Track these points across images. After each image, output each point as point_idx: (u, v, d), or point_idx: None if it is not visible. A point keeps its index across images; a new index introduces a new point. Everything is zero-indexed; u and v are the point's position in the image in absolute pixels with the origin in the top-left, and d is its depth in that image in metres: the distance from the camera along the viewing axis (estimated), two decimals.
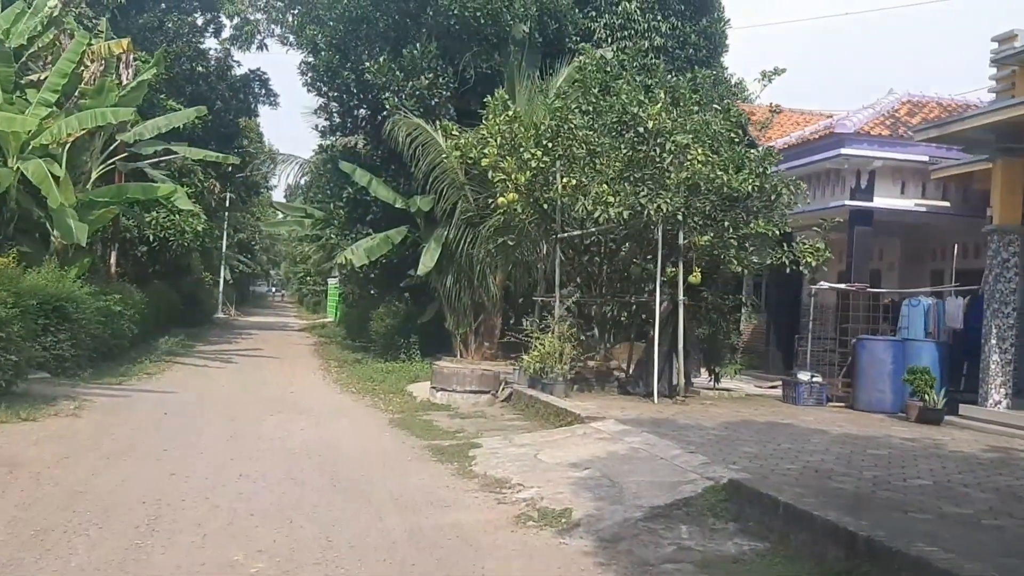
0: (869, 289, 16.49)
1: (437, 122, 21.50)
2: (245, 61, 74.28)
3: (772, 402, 15.47)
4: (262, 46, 37.48)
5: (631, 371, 15.63)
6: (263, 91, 37.51)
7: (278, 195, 51.99)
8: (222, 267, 52.47)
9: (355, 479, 9.49)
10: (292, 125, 66.17)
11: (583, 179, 14.04)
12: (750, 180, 13.82)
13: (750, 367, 19.52)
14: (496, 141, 14.73)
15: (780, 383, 18.40)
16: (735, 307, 15.67)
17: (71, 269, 19.65)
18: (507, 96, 16.23)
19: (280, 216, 38.93)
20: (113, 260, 24.39)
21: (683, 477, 8.58)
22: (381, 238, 22.46)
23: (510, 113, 15.10)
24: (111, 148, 21.77)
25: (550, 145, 14.36)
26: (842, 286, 16.47)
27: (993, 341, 13.00)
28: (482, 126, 15.90)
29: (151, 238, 27.32)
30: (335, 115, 25.40)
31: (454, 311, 22.82)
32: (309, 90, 26.12)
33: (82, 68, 19.94)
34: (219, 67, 36.00)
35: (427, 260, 21.53)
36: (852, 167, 17.44)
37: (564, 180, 14.09)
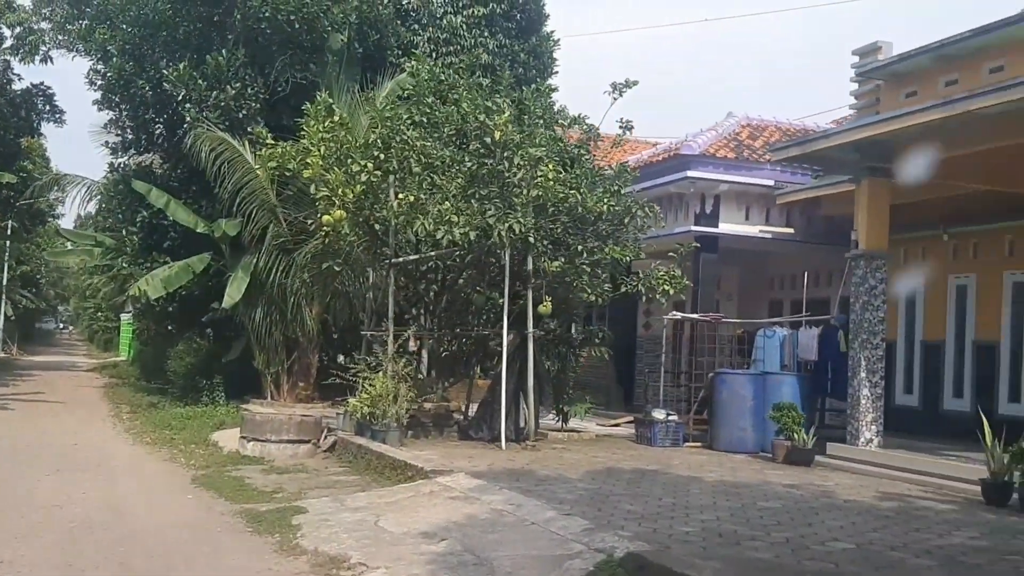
0: (725, 319, 15.53)
1: (245, 138, 19.36)
2: (27, 75, 68.86)
3: (626, 444, 14.18)
4: (47, 58, 33.83)
5: (473, 413, 14.01)
6: (47, 107, 33.85)
7: (68, 223, 47.72)
8: (1, 302, 47.54)
9: (153, 565, 7.44)
10: (84, 148, 61.43)
11: (421, 195, 12.35)
12: (604, 200, 12.52)
13: (591, 404, 18.26)
14: (320, 151, 12.84)
15: (626, 421, 17.33)
16: (584, 340, 14.32)
17: None
18: (330, 101, 14.31)
19: (69, 246, 35.23)
20: None
21: (566, 549, 6.99)
22: (180, 267, 19.99)
23: (336, 119, 13.24)
24: None
25: (382, 157, 12.61)
26: (696, 316, 15.44)
27: (863, 374, 12.13)
28: (302, 135, 13.94)
29: None
30: (128, 130, 22.69)
31: (264, 348, 20.54)
32: (100, 107, 23.43)
33: None
34: None
35: (233, 291, 19.22)
36: (697, 191, 16.57)
37: (400, 197, 12.34)
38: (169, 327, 26.70)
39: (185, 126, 19.81)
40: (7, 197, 34.75)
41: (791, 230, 17.14)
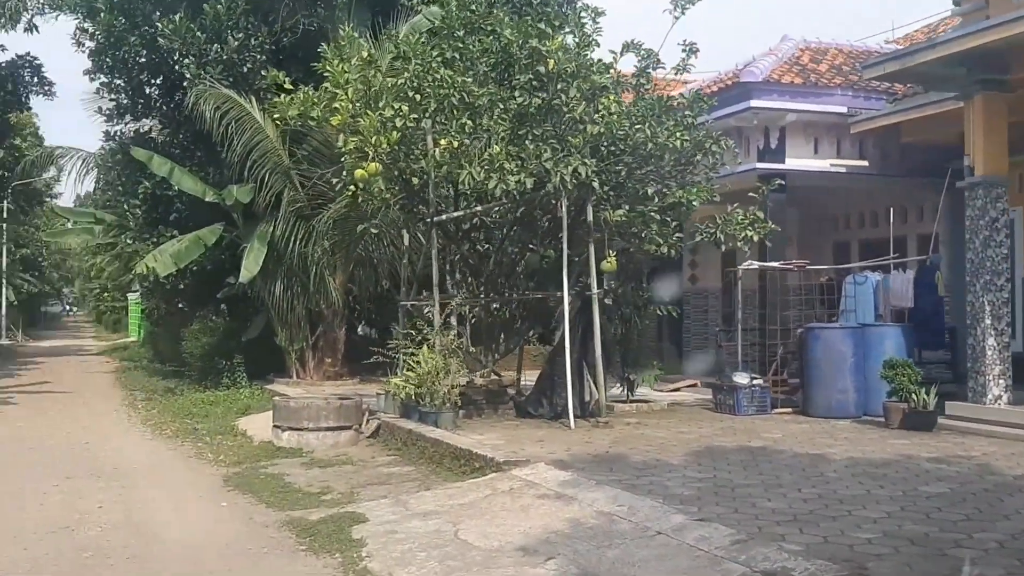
0: (811, 266, 13.87)
1: (251, 94, 17.66)
2: (11, 45, 66.66)
3: (704, 413, 12.62)
4: (31, 27, 31.93)
5: (530, 387, 12.44)
6: (36, 79, 31.99)
7: (67, 202, 45.99)
8: (2, 287, 46.00)
9: None
10: (79, 124, 59.35)
11: (464, 140, 10.65)
12: (677, 134, 10.82)
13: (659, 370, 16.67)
14: (348, 94, 11.11)
15: (685, 385, 15.80)
16: (651, 298, 12.70)
17: None
18: (355, 35, 12.52)
19: (69, 224, 33.56)
20: None
21: (721, 572, 5.42)
22: (191, 240, 18.35)
23: (364, 55, 11.47)
24: None
25: (417, 99, 10.89)
26: (776, 264, 13.77)
27: (988, 321, 10.47)
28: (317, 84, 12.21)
29: None
30: (123, 94, 20.91)
31: (286, 324, 19.00)
32: (91, 74, 21.65)
33: None
34: None
35: (250, 264, 17.61)
36: (761, 123, 14.82)
37: (443, 143, 10.63)
38: (180, 305, 25.18)
39: (185, 85, 18.12)
40: (0, 177, 33.14)
41: (865, 162, 15.42)
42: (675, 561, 5.70)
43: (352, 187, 12.06)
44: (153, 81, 20.19)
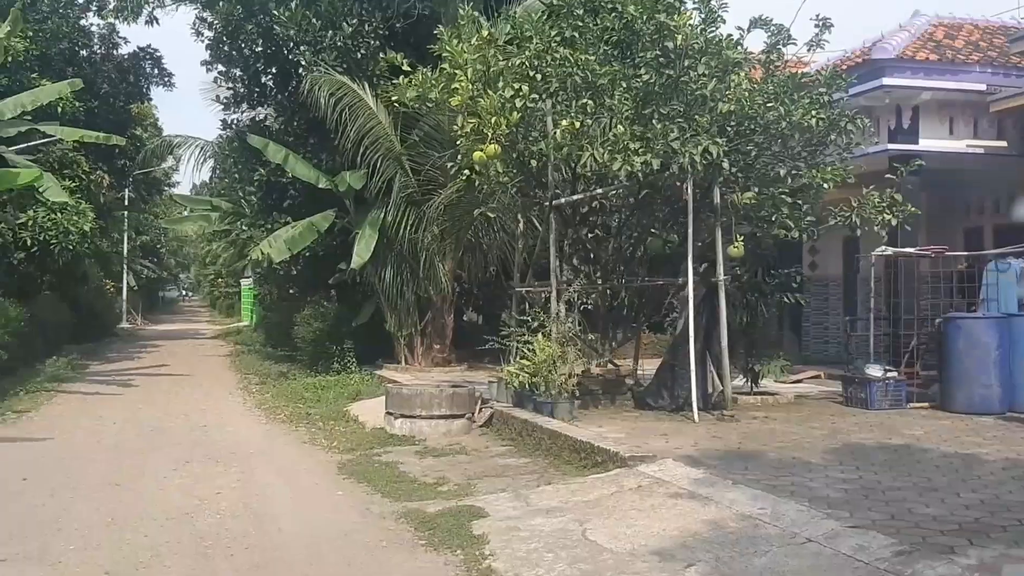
0: (950, 252, 13.08)
1: (364, 80, 17.58)
2: (133, 37, 68.66)
3: (833, 406, 12.02)
4: (152, 19, 32.68)
5: (649, 377, 12.01)
6: (156, 71, 32.77)
7: (185, 191, 47.10)
8: (124, 272, 47.38)
9: None
10: (194, 115, 61.12)
11: (586, 121, 10.25)
12: (812, 113, 10.22)
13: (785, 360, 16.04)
14: (467, 75, 10.82)
15: (808, 376, 15.12)
16: (778, 285, 12.10)
17: None
18: (475, 14, 12.20)
19: (186, 212, 34.26)
20: None
21: None
22: (304, 226, 18.40)
23: (484, 34, 11.16)
24: None
25: (538, 78, 10.54)
26: (912, 250, 13.02)
27: None
28: (440, 61, 11.94)
29: (28, 242, 22.71)
30: (239, 83, 21.12)
31: (395, 310, 18.97)
32: (208, 65, 21.93)
33: None
34: (103, 45, 31.30)
35: (362, 250, 17.58)
36: (893, 102, 14.06)
37: (564, 124, 10.25)
38: (292, 291, 25.45)
39: (299, 72, 18.18)
40: (122, 166, 34.00)
41: (1003, 143, 14.49)
42: (832, 574, 5.23)
43: (467, 171, 11.79)
44: (269, 70, 20.31)
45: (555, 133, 10.42)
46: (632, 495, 7.47)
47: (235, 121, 21.77)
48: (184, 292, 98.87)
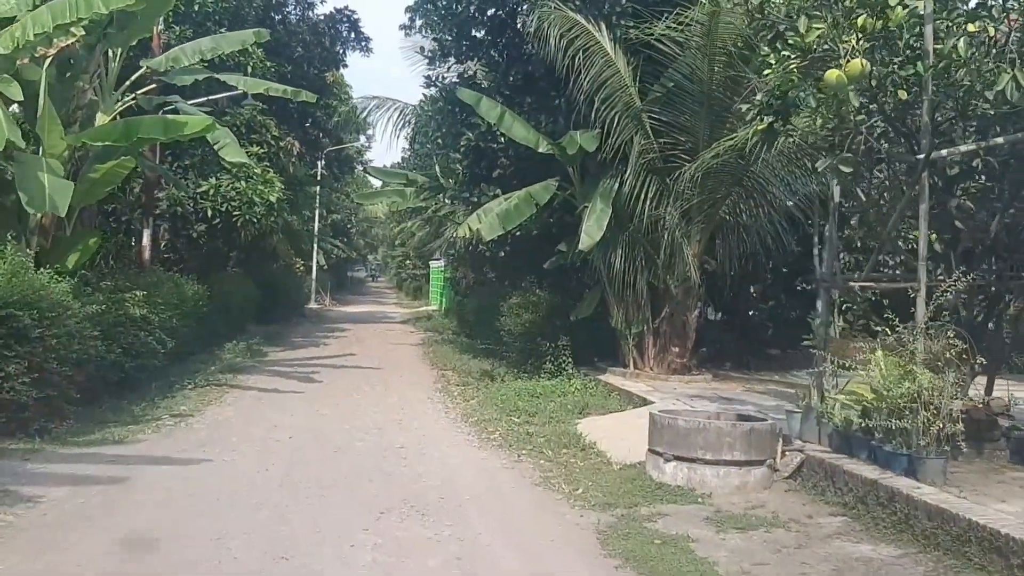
0: None
1: (601, 20, 14.26)
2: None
3: None
4: None
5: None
6: (352, 34, 30.50)
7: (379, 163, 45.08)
8: (315, 251, 45.87)
9: None
10: (386, 86, 59.47)
11: (1000, 28, 6.56)
12: None
13: None
14: None
15: None
16: None
17: (68, 254, 13.14)
18: None
19: (377, 185, 31.96)
20: (147, 240, 17.67)
21: None
22: (521, 198, 15.22)
23: None
24: (132, 79, 15.02)
25: None
26: None
27: None
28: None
29: (210, 213, 20.59)
30: (446, 33, 18.17)
31: (623, 302, 15.60)
32: (408, 30, 19.25)
33: None
34: (298, 5, 29.28)
35: (592, 228, 14.27)
36: None
37: (973, 27, 6.59)
38: (491, 275, 22.53)
39: (521, 13, 15.05)
40: (315, 137, 32.00)
41: None
42: None
43: (773, 116, 8.22)
44: (483, 14, 17.26)
45: (954, 44, 6.71)
46: None
47: (440, 77, 18.91)
48: (371, 273, 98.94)
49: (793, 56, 7.67)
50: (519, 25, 16.03)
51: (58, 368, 10.37)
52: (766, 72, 8.10)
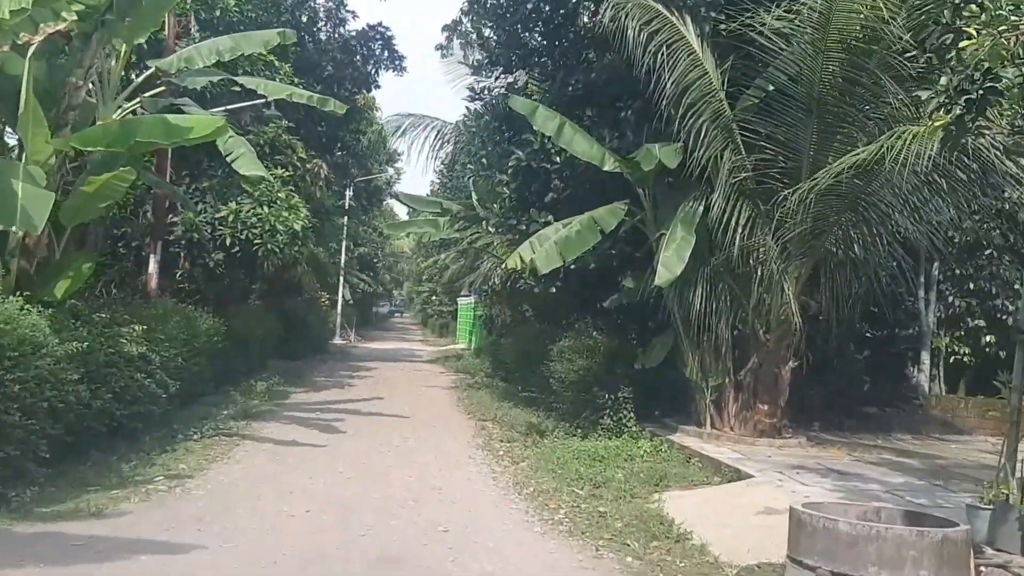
0: None
1: (686, 12, 12.12)
2: (361, 12, 65.38)
3: None
4: None
5: None
6: (385, 52, 28.56)
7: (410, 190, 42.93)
8: (341, 284, 43.82)
9: None
10: (418, 102, 57.65)
11: None
12: None
13: None
14: None
15: None
16: None
17: (56, 280, 11.11)
18: None
19: (405, 213, 29.91)
20: (153, 268, 15.56)
21: None
22: (584, 224, 13.02)
23: None
24: (137, 81, 12.99)
25: None
26: None
27: None
28: None
29: (228, 241, 18.48)
30: (494, 40, 16.11)
31: (700, 348, 13.34)
32: (444, 50, 17.21)
33: None
34: (329, 22, 27.44)
35: (671, 260, 12.04)
36: None
37: None
38: (528, 313, 20.29)
39: (573, 25, 12.98)
40: (344, 162, 30.03)
41: None
42: None
43: (961, 104, 6.02)
44: (537, 18, 15.17)
45: None
46: None
47: (486, 90, 16.78)
48: (396, 309, 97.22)
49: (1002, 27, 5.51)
50: (580, 27, 13.92)
51: (22, 420, 8.24)
52: (962, 44, 5.93)
